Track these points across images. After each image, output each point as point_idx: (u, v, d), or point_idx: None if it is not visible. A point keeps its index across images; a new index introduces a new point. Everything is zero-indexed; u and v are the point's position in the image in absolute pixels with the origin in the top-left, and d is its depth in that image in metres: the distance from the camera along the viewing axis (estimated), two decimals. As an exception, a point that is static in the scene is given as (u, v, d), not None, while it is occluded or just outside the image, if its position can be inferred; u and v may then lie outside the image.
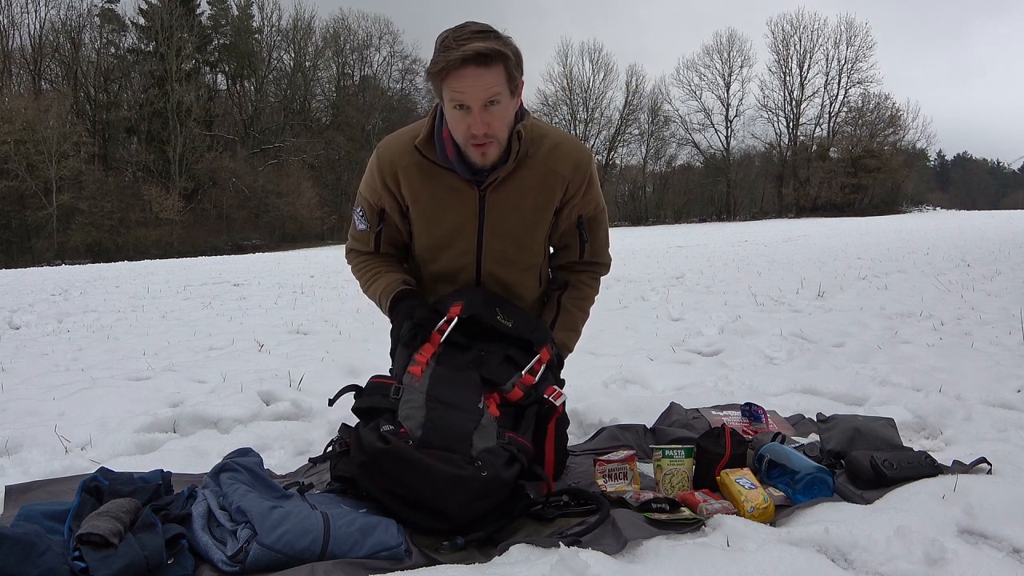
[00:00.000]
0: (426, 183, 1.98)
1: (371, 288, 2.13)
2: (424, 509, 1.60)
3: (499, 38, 1.77)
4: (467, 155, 1.88)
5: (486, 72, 1.73)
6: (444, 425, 1.70)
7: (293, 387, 3.15)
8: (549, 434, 1.95)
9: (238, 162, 40.09)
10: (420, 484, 1.58)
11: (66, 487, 1.94)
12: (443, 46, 1.75)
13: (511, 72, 1.78)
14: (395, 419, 1.71)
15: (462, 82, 1.74)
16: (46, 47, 38.35)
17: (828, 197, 47.80)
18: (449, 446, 1.66)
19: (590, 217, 2.13)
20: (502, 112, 1.81)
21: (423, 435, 1.67)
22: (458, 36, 1.74)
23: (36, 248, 32.55)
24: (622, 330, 4.75)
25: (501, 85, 1.77)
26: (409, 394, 1.77)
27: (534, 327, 2.02)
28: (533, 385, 1.90)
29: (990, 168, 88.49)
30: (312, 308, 7.00)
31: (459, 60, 1.71)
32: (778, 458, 1.88)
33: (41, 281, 12.61)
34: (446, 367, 1.87)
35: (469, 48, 1.70)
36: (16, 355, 4.67)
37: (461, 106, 1.78)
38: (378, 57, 49.43)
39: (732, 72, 51.22)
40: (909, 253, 11.25)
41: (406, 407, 1.74)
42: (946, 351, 3.65)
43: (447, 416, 1.73)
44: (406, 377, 1.82)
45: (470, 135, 1.82)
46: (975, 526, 1.56)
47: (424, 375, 1.82)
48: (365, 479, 1.66)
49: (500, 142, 1.87)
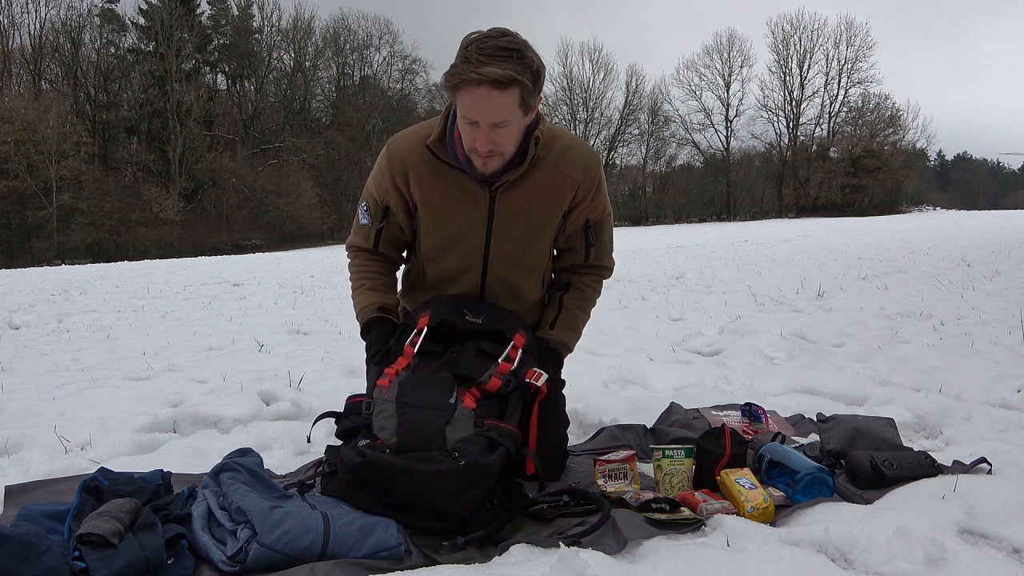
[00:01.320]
0: (436, 182, 1.98)
1: (354, 298, 2.18)
2: (417, 511, 1.60)
3: (521, 59, 1.71)
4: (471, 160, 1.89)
5: (499, 95, 1.71)
6: (416, 427, 1.71)
7: (293, 387, 3.15)
8: (534, 418, 1.94)
9: (238, 162, 40.11)
10: (404, 488, 1.59)
11: (66, 487, 1.93)
12: (464, 57, 1.71)
13: (525, 97, 1.75)
14: (371, 433, 1.73)
15: (474, 101, 1.73)
16: (46, 47, 38.37)
17: (828, 197, 47.78)
18: (425, 445, 1.67)
19: (597, 221, 2.13)
20: (510, 132, 1.81)
21: (398, 441, 1.68)
22: (481, 50, 1.69)
23: (36, 248, 32.54)
24: (622, 330, 4.75)
25: (512, 110, 1.75)
26: (380, 406, 1.79)
27: (503, 317, 2.03)
28: (512, 372, 1.89)
29: (990, 168, 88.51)
30: (312, 308, 7.00)
31: (474, 81, 1.69)
32: (778, 458, 1.88)
33: (41, 281, 12.62)
34: (416, 374, 1.89)
35: (485, 72, 1.67)
36: (16, 355, 4.67)
37: (471, 121, 1.77)
38: (378, 57, 49.52)
39: (732, 72, 51.27)
40: (909, 253, 11.25)
41: (379, 418, 1.76)
42: (946, 351, 3.65)
43: (418, 417, 1.73)
44: (376, 391, 1.84)
45: (474, 147, 1.82)
46: (975, 526, 1.56)
47: (392, 385, 1.84)
48: (354, 495, 1.66)
49: (504, 157, 1.87)
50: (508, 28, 1.77)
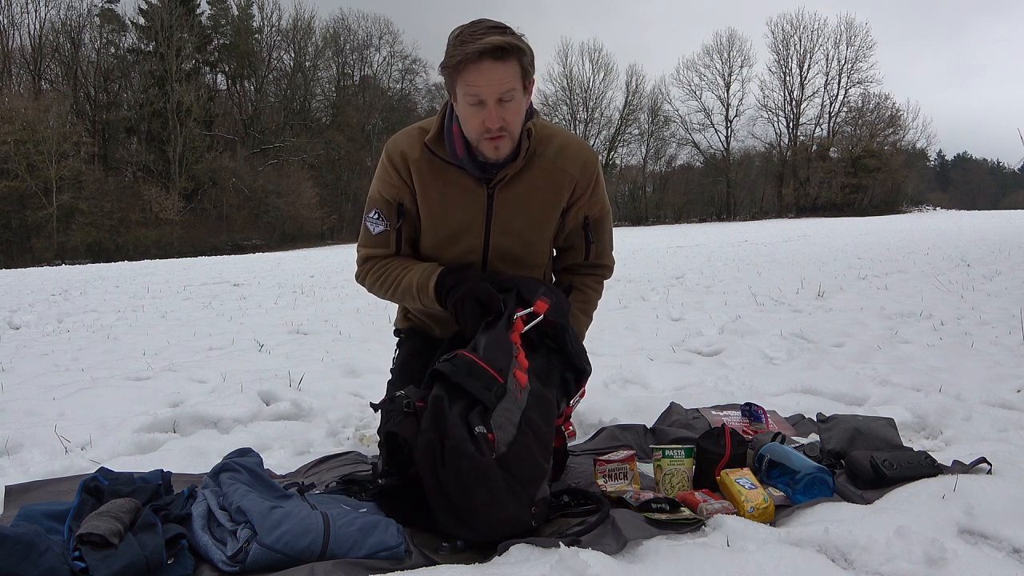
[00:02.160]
0: (435, 180, 1.98)
1: (402, 280, 2.02)
2: (461, 520, 1.54)
3: (514, 34, 1.79)
4: (479, 150, 1.88)
5: (502, 66, 1.75)
6: (527, 457, 1.60)
7: (293, 387, 3.15)
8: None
9: (238, 162, 40.13)
10: (481, 503, 1.51)
11: (66, 487, 1.94)
12: (458, 40, 1.76)
13: (525, 67, 1.80)
14: (487, 420, 1.58)
15: (478, 75, 1.75)
16: (46, 47, 38.40)
17: (828, 197, 47.79)
18: (525, 481, 1.57)
19: (596, 218, 2.13)
20: (516, 107, 1.82)
21: (507, 453, 1.56)
22: (474, 31, 1.76)
23: (36, 248, 32.56)
24: (622, 330, 4.75)
25: (516, 80, 1.79)
26: (508, 403, 1.63)
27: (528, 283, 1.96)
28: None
29: (990, 168, 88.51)
30: (312, 308, 7.00)
31: (476, 53, 1.72)
32: (778, 458, 1.87)
33: (41, 281, 12.62)
34: (540, 383, 1.77)
35: (486, 42, 1.72)
36: (16, 355, 4.67)
37: (476, 100, 1.78)
38: (378, 57, 49.56)
39: (732, 72, 51.32)
40: (909, 253, 11.25)
41: (502, 415, 1.61)
42: (946, 351, 3.65)
43: (532, 448, 1.62)
44: (511, 381, 1.66)
45: (484, 129, 1.82)
46: (975, 526, 1.56)
47: (526, 389, 1.70)
48: (424, 459, 1.55)
49: (513, 137, 1.87)
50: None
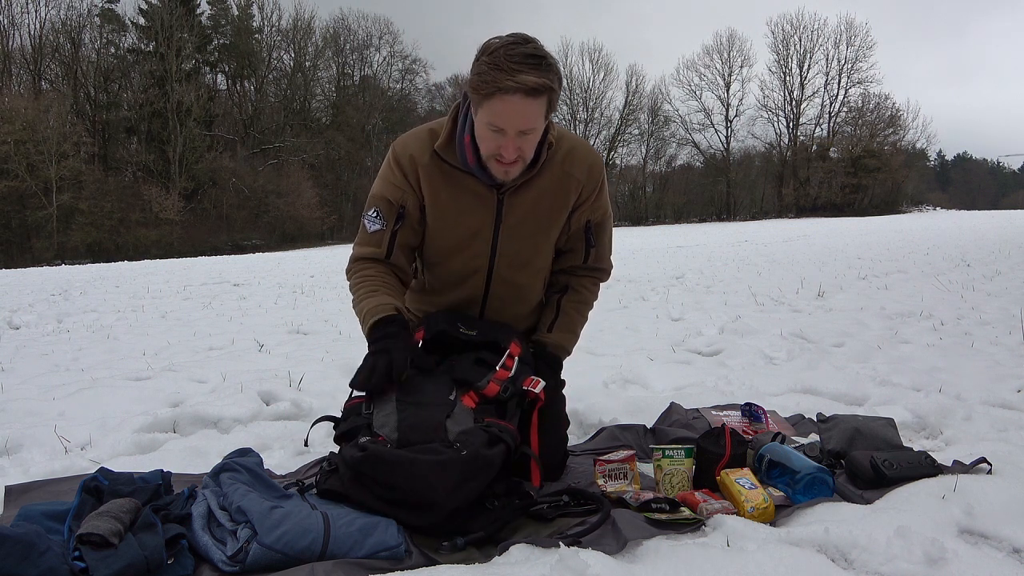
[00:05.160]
0: (445, 185, 1.97)
1: (362, 301, 1.97)
2: (418, 507, 1.59)
3: (549, 67, 1.72)
4: (489, 167, 1.88)
5: (531, 103, 1.71)
6: (417, 421, 1.71)
7: (293, 387, 3.15)
8: (534, 425, 1.94)
9: (238, 162, 40.13)
10: (406, 480, 1.57)
11: (66, 487, 1.93)
12: (493, 63, 1.69)
13: (552, 104, 1.78)
14: (371, 431, 1.73)
15: (505, 108, 1.71)
16: (46, 47, 38.36)
17: (828, 197, 47.77)
18: (426, 438, 1.67)
19: (598, 222, 2.14)
20: (534, 137, 1.82)
21: (399, 436, 1.68)
22: (510, 57, 1.68)
23: (36, 248, 32.54)
24: (622, 330, 4.75)
25: (540, 118, 1.77)
26: (380, 405, 1.79)
27: (497, 329, 2.05)
28: (509, 379, 1.90)
29: (990, 168, 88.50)
30: (312, 308, 7.00)
31: (511, 89, 1.68)
32: (778, 458, 1.87)
33: (41, 281, 12.62)
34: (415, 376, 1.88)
35: (522, 80, 1.67)
36: (16, 355, 4.67)
37: (497, 128, 1.76)
38: (378, 57, 49.54)
39: (732, 72, 51.29)
40: (909, 253, 11.25)
41: (379, 416, 1.76)
42: (946, 351, 3.65)
43: (419, 413, 1.74)
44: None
45: (498, 155, 1.81)
46: (975, 526, 1.56)
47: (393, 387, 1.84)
48: (355, 491, 1.64)
49: (526, 162, 1.88)
50: (527, 34, 1.77)
